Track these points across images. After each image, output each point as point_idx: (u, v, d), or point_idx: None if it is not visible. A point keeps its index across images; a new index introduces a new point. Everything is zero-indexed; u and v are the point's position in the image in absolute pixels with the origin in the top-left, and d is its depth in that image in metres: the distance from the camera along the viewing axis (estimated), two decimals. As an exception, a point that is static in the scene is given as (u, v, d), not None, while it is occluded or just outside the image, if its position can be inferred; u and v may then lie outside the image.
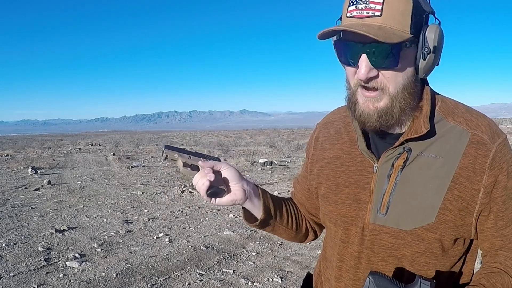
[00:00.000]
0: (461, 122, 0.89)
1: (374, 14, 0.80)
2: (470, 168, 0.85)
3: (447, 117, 0.90)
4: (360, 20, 0.81)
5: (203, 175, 0.93)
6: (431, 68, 0.86)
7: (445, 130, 0.89)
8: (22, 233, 5.17)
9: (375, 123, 0.86)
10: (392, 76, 0.83)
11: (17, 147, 22.75)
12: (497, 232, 0.88)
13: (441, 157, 0.87)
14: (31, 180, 9.63)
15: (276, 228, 1.10)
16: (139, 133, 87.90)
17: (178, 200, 7.65)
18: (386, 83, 0.84)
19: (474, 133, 0.87)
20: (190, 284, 3.75)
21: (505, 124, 32.29)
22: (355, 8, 0.82)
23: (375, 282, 0.77)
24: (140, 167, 12.66)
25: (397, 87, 0.84)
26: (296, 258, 4.49)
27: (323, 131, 1.10)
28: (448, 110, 0.91)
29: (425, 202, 0.87)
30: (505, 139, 0.89)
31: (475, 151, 0.86)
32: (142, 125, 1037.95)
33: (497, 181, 0.85)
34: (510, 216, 0.88)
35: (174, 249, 4.71)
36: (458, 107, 0.92)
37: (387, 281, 0.77)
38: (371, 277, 0.78)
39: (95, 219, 6.07)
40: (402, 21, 0.80)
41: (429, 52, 0.82)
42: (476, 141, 0.86)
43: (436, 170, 0.87)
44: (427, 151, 0.88)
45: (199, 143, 27.97)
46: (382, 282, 0.77)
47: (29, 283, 3.63)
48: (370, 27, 0.79)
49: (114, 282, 3.72)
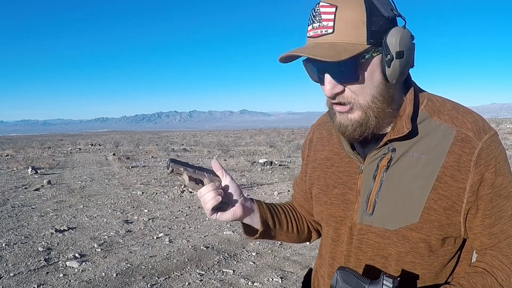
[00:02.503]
0: (446, 120, 0.88)
1: (327, 32, 0.80)
2: (455, 167, 0.84)
3: (432, 115, 0.89)
4: (315, 40, 0.82)
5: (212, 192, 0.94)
6: (401, 73, 0.83)
7: (429, 129, 0.88)
8: (22, 233, 5.17)
9: (352, 133, 0.87)
10: (357, 89, 0.83)
11: (17, 147, 22.75)
12: (485, 230, 0.87)
13: (425, 156, 0.86)
14: (31, 180, 9.63)
15: (277, 236, 1.11)
16: (139, 133, 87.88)
17: (178, 200, 7.65)
18: (354, 96, 0.84)
19: (459, 131, 0.86)
20: (190, 284, 3.75)
21: (505, 124, 32.29)
22: (312, 28, 0.82)
23: (342, 278, 0.81)
24: (140, 167, 12.66)
25: (366, 98, 0.84)
26: (296, 258, 4.49)
27: (316, 133, 1.11)
28: (434, 108, 0.90)
29: (409, 202, 0.86)
30: (493, 135, 0.86)
31: (460, 149, 0.84)
32: (142, 125, 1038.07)
33: (484, 178, 0.84)
34: (499, 214, 0.86)
35: (174, 249, 4.71)
36: (445, 104, 0.91)
37: (353, 277, 0.80)
38: (338, 273, 0.82)
39: (95, 219, 6.07)
40: (356, 34, 0.79)
41: (392, 59, 0.80)
42: (461, 138, 0.85)
43: (420, 170, 0.86)
44: (411, 150, 0.88)
45: (199, 143, 27.98)
46: (348, 277, 0.80)
47: (29, 283, 3.63)
48: (320, 47, 0.79)
49: (114, 282, 3.72)
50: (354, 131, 0.87)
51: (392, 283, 0.74)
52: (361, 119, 0.85)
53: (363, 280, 0.80)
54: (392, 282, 0.74)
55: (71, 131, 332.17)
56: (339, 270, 0.82)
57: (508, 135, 27.45)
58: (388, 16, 0.80)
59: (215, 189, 0.94)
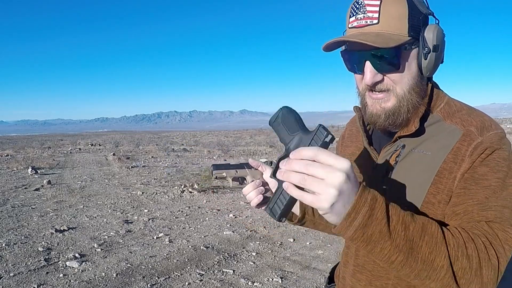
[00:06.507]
0: (457, 123, 0.90)
1: (372, 23, 0.85)
2: (453, 160, 0.86)
3: (446, 119, 0.92)
4: (360, 30, 0.87)
5: (254, 192, 1.00)
6: (434, 66, 0.89)
7: (440, 130, 0.91)
8: (22, 233, 5.17)
9: (383, 122, 0.92)
10: (397, 78, 0.88)
11: (17, 147, 22.75)
12: (449, 209, 0.85)
13: (430, 152, 0.89)
14: (31, 180, 9.63)
15: (317, 225, 1.16)
16: (139, 133, 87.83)
17: (178, 200, 7.65)
18: (393, 84, 0.89)
19: (466, 130, 0.88)
20: (190, 284, 3.75)
21: (505, 124, 32.32)
22: (355, 19, 0.88)
23: (283, 115, 0.81)
24: (140, 167, 12.66)
25: (403, 87, 0.89)
26: (296, 258, 4.49)
27: (348, 129, 1.18)
28: (449, 112, 0.93)
29: (411, 196, 0.89)
30: (498, 133, 0.86)
31: (461, 143, 0.86)
32: (142, 125, 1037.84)
33: (473, 166, 0.84)
34: (467, 196, 0.83)
35: (174, 249, 4.71)
36: (462, 110, 0.93)
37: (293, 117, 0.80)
38: (283, 109, 0.82)
39: (95, 219, 6.07)
40: (399, 26, 0.85)
41: (429, 52, 0.86)
42: (465, 134, 0.87)
43: (424, 165, 0.89)
44: (419, 147, 0.91)
45: (199, 143, 27.97)
46: (289, 116, 0.81)
47: (29, 283, 3.63)
48: (368, 35, 0.84)
49: (114, 282, 3.72)
50: (386, 120, 0.91)
51: (325, 135, 0.69)
52: (394, 107, 0.90)
53: (301, 125, 0.79)
54: (325, 135, 0.69)
55: (71, 131, 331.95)
56: (284, 107, 0.83)
57: (508, 135, 27.44)
58: (425, 13, 0.88)
59: (256, 187, 1.00)
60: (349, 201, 0.65)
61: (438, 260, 0.72)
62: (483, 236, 0.76)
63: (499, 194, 0.81)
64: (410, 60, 0.88)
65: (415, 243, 0.70)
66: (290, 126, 0.80)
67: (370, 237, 0.68)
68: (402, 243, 0.69)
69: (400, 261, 0.71)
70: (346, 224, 0.66)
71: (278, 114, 0.82)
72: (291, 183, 0.65)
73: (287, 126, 0.80)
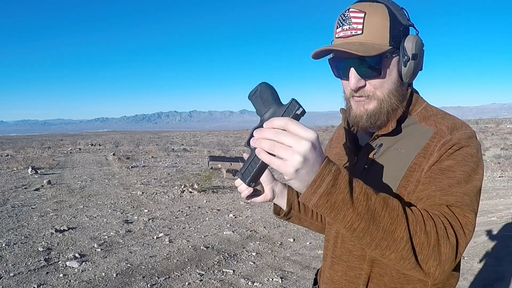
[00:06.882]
0: (431, 124, 0.99)
1: (356, 33, 0.94)
2: (422, 154, 0.94)
3: (421, 121, 1.01)
4: (346, 39, 0.95)
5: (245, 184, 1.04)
6: (413, 73, 0.98)
7: (415, 131, 1.00)
8: (22, 233, 5.17)
9: (365, 123, 1.00)
10: (378, 83, 0.96)
11: (17, 147, 22.75)
12: (414, 195, 0.92)
13: (404, 150, 0.98)
14: (31, 180, 9.63)
15: (302, 221, 1.25)
16: (139, 133, 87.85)
17: (178, 200, 7.65)
18: (374, 90, 0.97)
19: (438, 129, 0.96)
20: (190, 284, 3.75)
21: (505, 124, 32.28)
22: (341, 30, 0.96)
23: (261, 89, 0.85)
24: (140, 167, 12.67)
25: (383, 92, 0.97)
26: (296, 258, 4.49)
27: (337, 132, 1.28)
28: (425, 116, 1.02)
29: (384, 189, 0.96)
30: (467, 133, 0.93)
31: (431, 140, 0.95)
32: (142, 125, 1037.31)
33: (440, 159, 0.91)
34: (431, 183, 0.89)
35: (174, 249, 4.72)
36: (438, 114, 1.02)
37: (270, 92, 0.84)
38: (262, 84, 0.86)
39: (95, 219, 6.07)
40: (381, 36, 0.93)
41: (408, 60, 0.95)
42: (436, 133, 0.96)
43: (398, 161, 0.97)
44: (395, 145, 1.00)
45: (199, 143, 27.98)
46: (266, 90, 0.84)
47: (29, 283, 3.63)
48: (352, 44, 0.92)
49: (114, 282, 3.72)
50: (368, 120, 0.99)
51: (296, 108, 0.74)
52: (375, 109, 0.98)
53: (276, 98, 0.83)
54: (297, 108, 0.74)
55: (71, 131, 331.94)
56: (263, 82, 0.86)
57: (508, 135, 27.41)
58: (406, 24, 0.97)
59: None
60: (313, 170, 0.70)
61: (399, 231, 0.76)
62: (443, 217, 0.81)
63: (462, 185, 0.86)
64: (391, 67, 0.96)
65: (377, 212, 0.75)
66: (266, 99, 0.84)
67: (333, 204, 0.72)
68: (364, 212, 0.74)
69: (362, 228, 0.75)
70: (312, 191, 0.71)
71: (257, 89, 0.86)
72: (262, 149, 0.70)
73: (263, 99, 0.84)
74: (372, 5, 0.95)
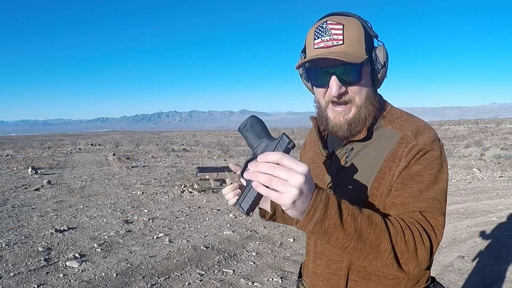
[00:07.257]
0: (396, 128, 1.06)
1: (338, 43, 1.00)
2: (392, 159, 1.02)
3: (387, 124, 1.09)
4: (328, 49, 1.00)
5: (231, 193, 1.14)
6: (383, 80, 1.07)
7: (382, 134, 1.07)
8: (22, 233, 5.17)
9: (346, 132, 1.06)
10: (357, 89, 1.03)
11: (17, 147, 22.75)
12: (389, 200, 1.00)
13: (374, 153, 1.05)
14: (31, 180, 9.63)
15: (287, 220, 1.31)
16: (139, 133, 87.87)
17: (178, 200, 7.65)
18: (354, 95, 1.03)
19: (404, 134, 1.04)
20: (190, 284, 3.75)
21: (505, 124, 32.29)
22: (321, 41, 1.01)
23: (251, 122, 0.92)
24: (140, 167, 12.67)
25: (361, 98, 1.04)
26: (296, 258, 4.49)
27: (308, 137, 1.34)
28: (390, 119, 1.09)
29: (358, 190, 1.04)
30: (431, 136, 1.01)
31: (399, 145, 1.02)
32: (142, 125, 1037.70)
33: (409, 165, 0.99)
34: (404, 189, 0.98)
35: (174, 249, 4.72)
36: (401, 117, 1.10)
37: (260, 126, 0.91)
38: (251, 117, 0.93)
39: (95, 219, 6.07)
40: (358, 46, 1.01)
41: (381, 67, 1.03)
42: (402, 138, 1.03)
43: (369, 164, 1.05)
44: (365, 149, 1.07)
45: (199, 143, 27.99)
46: (256, 125, 0.92)
47: (29, 283, 3.63)
48: (337, 53, 0.98)
49: (114, 282, 3.72)
50: (348, 129, 1.05)
51: (288, 143, 0.81)
52: (354, 117, 1.04)
53: (267, 133, 0.90)
54: (288, 143, 0.81)
55: (71, 131, 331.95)
56: (252, 116, 0.94)
57: (508, 135, 27.42)
58: (373, 36, 1.05)
59: (234, 189, 1.14)
60: (307, 199, 0.76)
61: (383, 244, 0.84)
62: (417, 224, 0.91)
63: (431, 187, 0.96)
64: (366, 74, 1.03)
65: (363, 231, 0.82)
66: (257, 133, 0.90)
67: (326, 229, 0.79)
68: (353, 232, 0.81)
69: (352, 247, 0.83)
70: (307, 220, 0.78)
71: (247, 122, 0.92)
72: (260, 182, 0.75)
73: (255, 132, 0.91)
74: (347, 18, 1.01)
